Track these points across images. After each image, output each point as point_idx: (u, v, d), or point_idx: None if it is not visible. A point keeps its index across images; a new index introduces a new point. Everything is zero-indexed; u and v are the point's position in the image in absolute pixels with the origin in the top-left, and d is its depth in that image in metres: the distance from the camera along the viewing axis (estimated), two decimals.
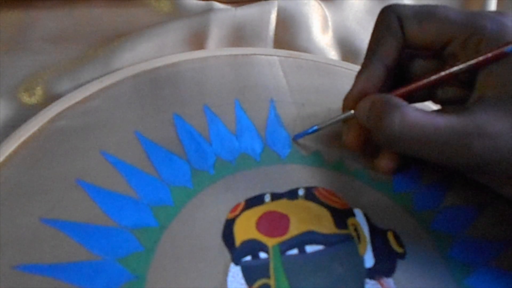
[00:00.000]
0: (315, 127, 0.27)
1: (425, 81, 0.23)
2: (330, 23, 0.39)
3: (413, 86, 0.23)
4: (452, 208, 0.25)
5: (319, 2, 0.39)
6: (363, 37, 0.39)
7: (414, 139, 0.20)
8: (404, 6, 0.23)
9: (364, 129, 0.25)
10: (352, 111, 0.24)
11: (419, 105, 0.24)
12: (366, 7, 0.42)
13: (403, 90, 0.23)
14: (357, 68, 0.34)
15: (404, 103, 0.21)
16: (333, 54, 0.37)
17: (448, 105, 0.25)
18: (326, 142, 0.28)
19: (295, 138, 0.27)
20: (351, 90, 0.25)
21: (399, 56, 0.24)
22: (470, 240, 0.24)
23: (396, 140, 0.21)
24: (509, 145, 0.19)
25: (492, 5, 0.41)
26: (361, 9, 0.41)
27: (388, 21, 0.23)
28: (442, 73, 0.23)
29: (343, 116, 0.25)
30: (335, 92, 0.32)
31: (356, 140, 0.25)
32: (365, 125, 0.23)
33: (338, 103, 0.30)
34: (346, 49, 0.38)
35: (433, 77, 0.23)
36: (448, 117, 0.20)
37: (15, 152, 0.24)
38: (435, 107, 0.27)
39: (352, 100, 0.24)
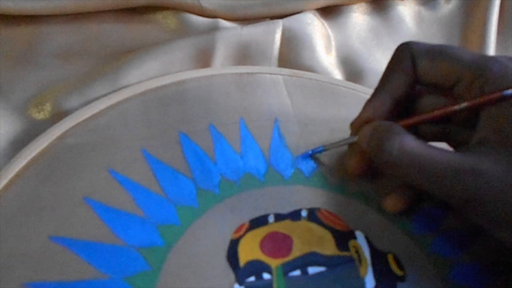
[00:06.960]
0: (321, 148, 0.28)
1: (426, 115, 0.24)
2: (333, 43, 0.39)
3: (415, 119, 0.24)
4: (450, 232, 0.26)
5: (323, 21, 0.40)
6: (366, 56, 0.40)
7: (410, 167, 0.21)
8: (419, 43, 0.24)
9: (365, 156, 0.26)
10: (356, 137, 0.25)
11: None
12: (369, 26, 0.42)
13: (405, 121, 0.24)
14: (360, 88, 0.35)
15: (405, 131, 0.22)
16: (336, 73, 0.38)
17: None
18: (329, 164, 0.28)
19: (301, 158, 0.28)
20: (358, 116, 0.26)
21: (408, 90, 0.25)
22: (469, 264, 0.24)
23: (393, 165, 0.22)
24: (501, 186, 0.19)
25: (491, 48, 0.42)
26: (364, 28, 0.42)
27: (401, 56, 0.24)
28: (441, 110, 0.24)
29: (347, 140, 0.26)
30: (338, 112, 0.32)
31: (357, 166, 0.26)
32: (365, 150, 0.24)
33: (341, 123, 0.31)
34: (349, 69, 0.39)
35: (434, 113, 0.24)
36: (446, 153, 0.21)
37: (25, 168, 0.25)
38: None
39: (357, 126, 0.25)
